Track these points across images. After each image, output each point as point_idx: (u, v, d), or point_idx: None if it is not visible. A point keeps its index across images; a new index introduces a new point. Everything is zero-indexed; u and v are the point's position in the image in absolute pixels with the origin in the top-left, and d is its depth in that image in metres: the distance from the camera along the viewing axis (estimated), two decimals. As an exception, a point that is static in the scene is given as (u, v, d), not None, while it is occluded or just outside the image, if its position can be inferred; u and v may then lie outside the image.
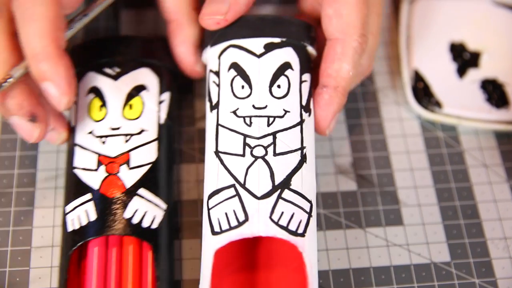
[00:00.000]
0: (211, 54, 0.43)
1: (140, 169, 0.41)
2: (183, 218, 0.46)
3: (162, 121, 0.44)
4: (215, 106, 0.42)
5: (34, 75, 0.38)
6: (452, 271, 0.45)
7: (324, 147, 0.49)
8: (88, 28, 0.52)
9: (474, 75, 0.51)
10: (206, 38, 0.44)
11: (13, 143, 0.48)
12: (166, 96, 0.45)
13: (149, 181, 0.41)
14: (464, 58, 0.52)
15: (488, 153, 0.49)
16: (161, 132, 0.43)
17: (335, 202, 0.47)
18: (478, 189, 0.48)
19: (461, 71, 0.52)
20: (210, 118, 0.42)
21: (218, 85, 0.42)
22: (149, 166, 0.42)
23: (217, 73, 0.42)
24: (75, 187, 0.41)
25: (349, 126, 0.50)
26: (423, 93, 0.50)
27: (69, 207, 0.41)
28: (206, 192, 0.40)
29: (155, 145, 0.43)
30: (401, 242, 0.46)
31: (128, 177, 0.41)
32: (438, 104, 0.50)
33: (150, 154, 0.42)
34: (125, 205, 0.40)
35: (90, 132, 0.42)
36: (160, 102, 0.44)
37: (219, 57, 0.43)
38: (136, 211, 0.40)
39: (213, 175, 0.40)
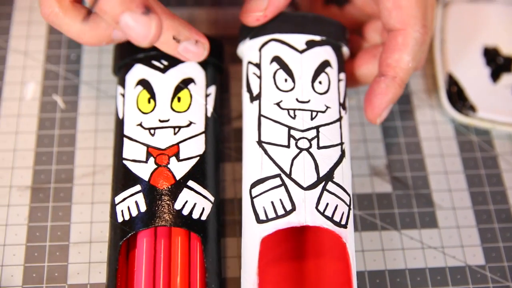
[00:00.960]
0: (250, 46, 0.44)
1: (189, 161, 0.42)
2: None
3: (209, 114, 0.44)
4: (256, 97, 0.42)
5: None
6: (486, 275, 0.45)
7: (359, 149, 0.49)
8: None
9: (508, 80, 0.52)
10: (243, 31, 0.45)
11: (50, 138, 0.48)
12: (212, 89, 0.45)
13: (197, 173, 0.41)
14: (498, 63, 0.52)
15: (521, 157, 0.50)
16: (208, 125, 0.44)
17: (371, 203, 0.47)
18: (512, 194, 0.48)
19: (495, 76, 0.52)
20: (251, 108, 0.43)
21: (259, 77, 0.43)
22: (197, 158, 0.42)
23: (257, 65, 0.43)
24: (124, 178, 0.41)
25: (384, 128, 0.50)
26: (457, 96, 0.51)
27: (119, 198, 0.41)
28: (248, 181, 0.41)
29: (203, 137, 0.43)
30: (436, 245, 0.46)
31: (178, 169, 0.41)
32: (472, 108, 0.50)
33: (198, 146, 0.42)
34: (175, 197, 0.40)
35: (139, 124, 0.43)
36: (207, 96, 0.44)
37: (259, 50, 0.43)
38: (186, 202, 0.40)
39: (256, 164, 0.40)
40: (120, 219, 0.40)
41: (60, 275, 0.43)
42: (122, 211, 0.41)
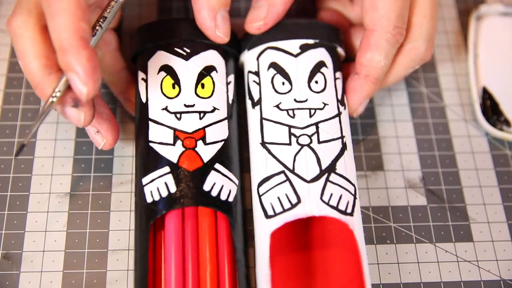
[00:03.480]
0: (248, 56, 0.47)
1: (215, 145, 0.43)
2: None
3: (230, 101, 0.45)
4: (257, 103, 0.45)
5: (61, 66, 0.38)
6: (521, 289, 0.45)
7: (394, 161, 0.49)
8: (161, 7, 0.54)
9: (542, 95, 0.52)
10: (242, 43, 0.48)
11: (89, 146, 0.48)
12: (232, 78, 0.46)
13: (223, 157, 0.43)
14: (532, 77, 0.52)
15: (555, 172, 0.50)
16: (230, 111, 0.45)
17: (406, 216, 0.47)
18: (547, 209, 0.48)
19: (529, 91, 0.52)
20: (253, 113, 0.45)
21: (259, 84, 0.45)
22: (222, 143, 0.43)
23: (256, 73, 0.46)
24: (152, 160, 0.42)
25: (418, 141, 0.51)
26: (491, 111, 0.51)
27: (147, 179, 0.42)
28: (255, 180, 0.43)
29: (226, 123, 0.44)
30: (470, 258, 0.46)
31: (205, 152, 0.42)
32: (506, 123, 0.50)
33: (222, 131, 0.44)
34: (203, 179, 0.41)
35: (165, 108, 0.43)
36: (228, 83, 0.46)
37: (257, 59, 0.46)
38: (214, 184, 0.41)
39: (261, 164, 0.43)
40: (149, 200, 0.41)
41: (99, 282, 0.44)
42: (151, 191, 0.41)
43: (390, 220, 0.47)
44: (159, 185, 0.41)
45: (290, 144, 0.43)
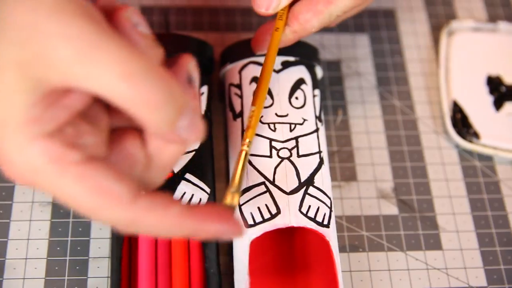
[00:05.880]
0: (230, 69, 0.49)
1: (186, 156, 0.44)
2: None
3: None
4: (238, 115, 0.46)
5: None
6: (488, 296, 0.47)
7: (367, 172, 0.51)
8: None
9: (510, 108, 0.54)
10: (223, 57, 0.49)
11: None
12: (204, 90, 0.48)
13: (194, 166, 0.44)
14: (501, 91, 0.54)
15: (522, 183, 0.52)
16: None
17: (378, 225, 0.49)
18: (513, 218, 0.50)
19: (498, 104, 0.54)
20: (234, 125, 0.46)
21: (241, 96, 0.47)
22: (193, 153, 0.45)
23: (238, 86, 0.47)
24: None
25: (391, 153, 0.52)
26: (461, 123, 0.53)
27: None
28: None
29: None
30: (440, 266, 0.48)
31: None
32: (476, 135, 0.52)
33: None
34: (173, 188, 0.43)
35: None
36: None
37: (239, 72, 0.48)
38: (184, 193, 0.43)
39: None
40: None
41: (80, 288, 0.45)
42: None
43: (362, 229, 0.49)
44: None
45: (271, 156, 0.44)
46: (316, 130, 0.46)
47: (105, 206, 0.29)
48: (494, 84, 0.55)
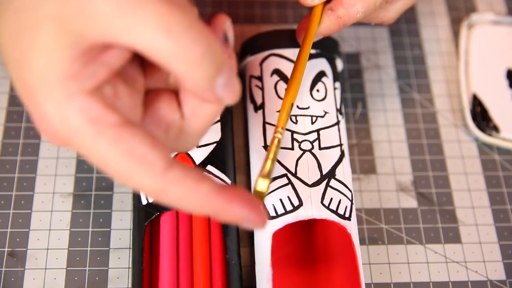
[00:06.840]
0: (251, 62, 0.49)
1: (207, 147, 0.44)
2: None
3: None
4: (260, 107, 0.46)
5: None
6: (507, 289, 0.47)
7: (386, 165, 0.51)
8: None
9: (530, 102, 0.54)
10: (244, 49, 0.49)
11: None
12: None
13: (216, 158, 0.44)
14: (521, 85, 0.54)
15: (542, 177, 0.52)
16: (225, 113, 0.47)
17: (397, 218, 0.49)
18: (533, 212, 0.50)
19: (518, 98, 0.54)
20: (255, 117, 0.46)
21: (262, 88, 0.47)
22: (214, 145, 0.45)
23: (259, 78, 0.47)
24: None
25: (410, 146, 0.52)
26: (481, 117, 0.53)
27: None
28: None
29: (219, 125, 0.46)
30: (459, 259, 0.48)
31: (197, 154, 0.44)
32: (495, 129, 0.52)
33: (215, 133, 0.45)
34: None
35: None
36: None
37: (260, 64, 0.48)
38: None
39: None
40: (144, 202, 0.43)
41: (101, 279, 0.45)
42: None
43: (381, 221, 0.49)
44: None
45: (292, 148, 0.44)
46: (337, 123, 0.46)
47: (136, 172, 0.29)
48: (514, 77, 0.55)
